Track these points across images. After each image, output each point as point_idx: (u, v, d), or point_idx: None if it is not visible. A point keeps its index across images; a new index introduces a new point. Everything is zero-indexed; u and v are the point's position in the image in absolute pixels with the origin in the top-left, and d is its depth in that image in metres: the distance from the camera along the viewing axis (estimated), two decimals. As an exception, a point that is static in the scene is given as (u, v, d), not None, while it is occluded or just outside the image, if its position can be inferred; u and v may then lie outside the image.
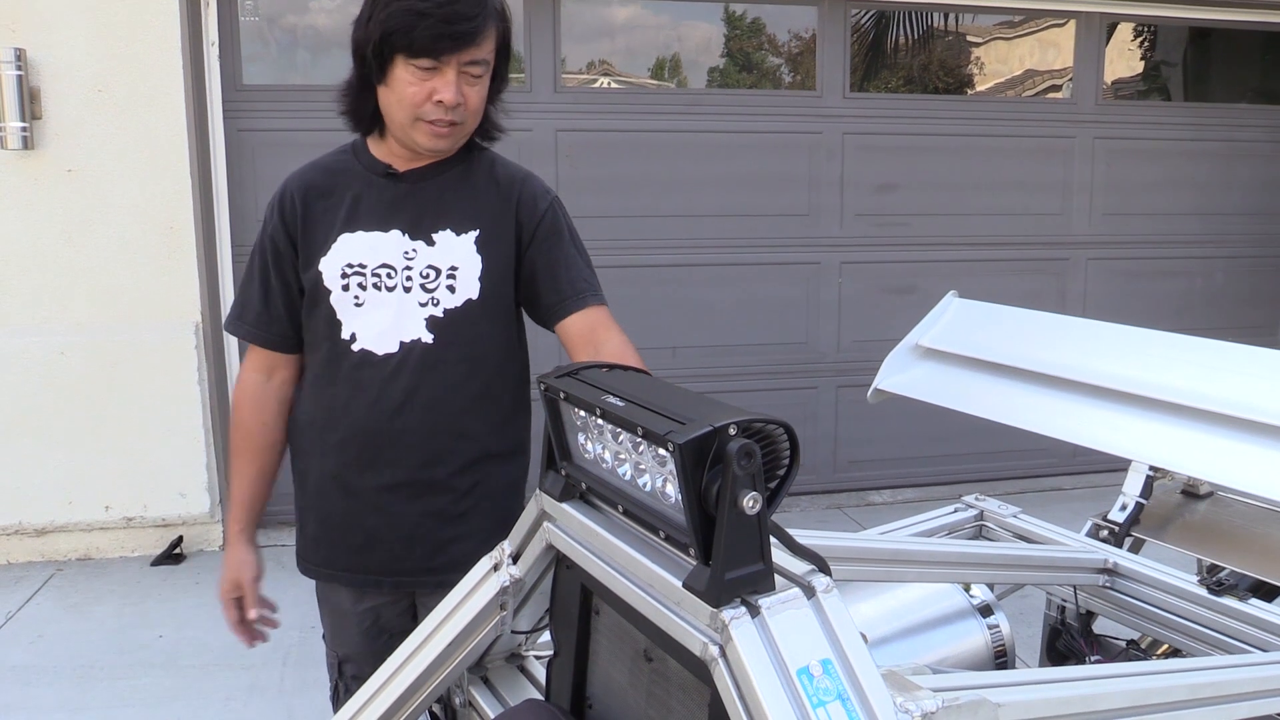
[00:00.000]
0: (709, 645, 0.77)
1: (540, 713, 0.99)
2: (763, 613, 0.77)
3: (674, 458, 0.76)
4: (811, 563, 0.82)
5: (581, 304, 1.70)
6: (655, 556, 0.85)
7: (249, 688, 3.20)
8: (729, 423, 0.77)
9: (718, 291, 4.72)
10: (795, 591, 0.79)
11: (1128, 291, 5.18)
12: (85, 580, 4.02)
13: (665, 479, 0.84)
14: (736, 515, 0.75)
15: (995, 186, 4.95)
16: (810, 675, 0.75)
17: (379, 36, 1.56)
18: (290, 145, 4.07)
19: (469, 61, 1.58)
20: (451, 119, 1.60)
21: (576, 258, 1.73)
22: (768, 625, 0.76)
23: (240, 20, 4.21)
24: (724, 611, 0.76)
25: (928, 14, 5.03)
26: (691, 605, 0.79)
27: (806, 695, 0.74)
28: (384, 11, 1.55)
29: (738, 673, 0.75)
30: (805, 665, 0.75)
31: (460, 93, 1.59)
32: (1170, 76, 5.51)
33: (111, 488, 4.15)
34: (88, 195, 3.99)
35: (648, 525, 0.85)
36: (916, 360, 2.27)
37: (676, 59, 4.82)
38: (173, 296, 4.09)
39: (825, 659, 0.76)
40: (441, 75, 1.57)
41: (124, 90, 3.94)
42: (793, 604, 0.78)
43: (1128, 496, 1.91)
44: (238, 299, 1.79)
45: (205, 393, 4.17)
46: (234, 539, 1.79)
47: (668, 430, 0.77)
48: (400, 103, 1.60)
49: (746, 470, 0.75)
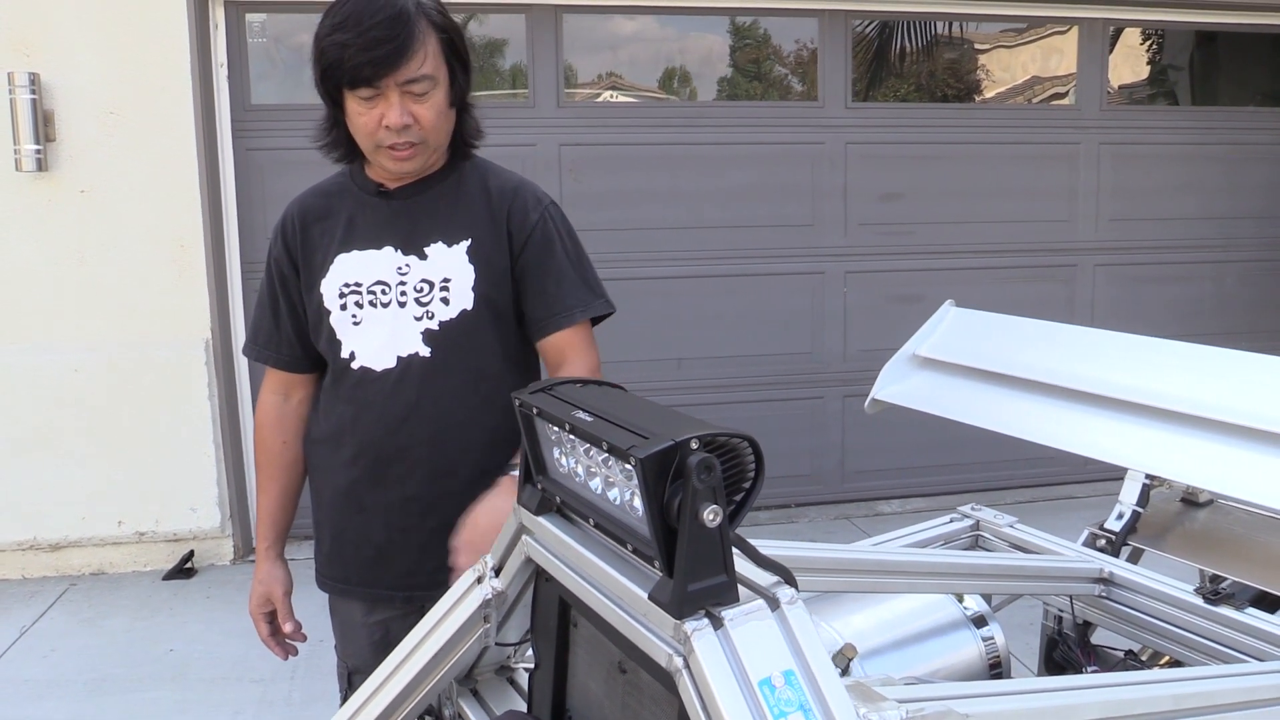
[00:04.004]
0: (673, 656, 0.78)
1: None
2: (725, 624, 0.78)
3: (636, 471, 0.77)
4: (777, 575, 0.83)
5: (560, 324, 1.68)
6: (625, 569, 0.87)
7: (258, 701, 3.22)
8: (690, 437, 0.78)
9: (722, 302, 4.73)
10: (759, 603, 0.80)
11: (1136, 297, 5.16)
12: (99, 595, 4.06)
13: (633, 492, 0.85)
14: (697, 528, 0.76)
15: (1000, 194, 4.95)
16: (772, 686, 0.76)
17: (319, 75, 1.59)
18: (298, 164, 4.10)
19: (407, 81, 1.55)
20: (408, 140, 1.59)
21: (568, 271, 1.71)
22: (730, 637, 0.77)
23: (249, 41, 4.27)
24: (687, 623, 0.77)
25: (930, 23, 5.04)
26: (657, 617, 0.80)
27: (768, 706, 0.75)
28: (318, 49, 1.58)
29: (700, 684, 0.76)
30: (767, 676, 0.76)
31: (406, 113, 1.57)
32: (1177, 81, 5.50)
33: (124, 503, 4.21)
34: (100, 215, 4.05)
35: (617, 538, 0.86)
36: (914, 370, 2.27)
37: (678, 72, 4.85)
38: (183, 314, 4.15)
39: (788, 670, 0.77)
40: (385, 99, 1.56)
41: (135, 112, 4.01)
42: (756, 615, 0.79)
43: (1124, 505, 1.90)
44: (252, 323, 1.84)
45: (216, 409, 4.22)
46: (263, 555, 1.84)
47: (630, 445, 0.79)
48: (357, 133, 1.61)
49: (706, 484, 0.76)
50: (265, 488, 1.84)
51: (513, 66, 4.57)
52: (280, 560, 1.84)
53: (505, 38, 4.57)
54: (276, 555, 1.84)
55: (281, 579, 1.83)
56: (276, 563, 1.83)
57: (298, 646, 1.88)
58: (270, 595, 1.82)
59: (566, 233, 1.73)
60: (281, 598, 1.82)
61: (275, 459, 1.82)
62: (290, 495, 1.85)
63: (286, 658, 1.87)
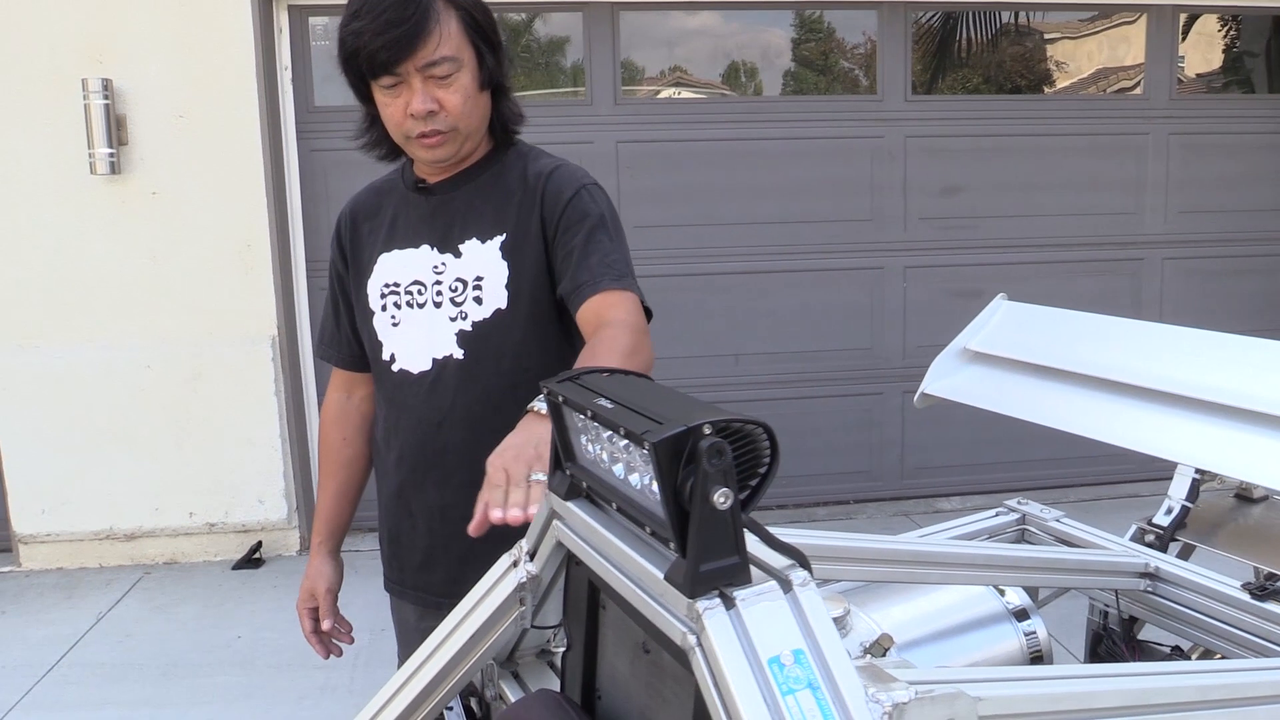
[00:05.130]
0: (687, 635, 0.80)
1: (547, 701, 1.03)
2: (737, 604, 0.79)
3: (650, 455, 0.80)
4: (791, 558, 0.85)
5: (594, 289, 1.51)
6: (645, 551, 0.89)
7: (320, 688, 3.31)
8: (703, 422, 0.79)
9: (780, 298, 4.72)
10: (771, 584, 0.81)
11: (1205, 291, 5.01)
12: (171, 583, 4.21)
13: (650, 477, 0.87)
14: (709, 510, 0.78)
15: (1065, 186, 4.85)
16: (781, 664, 0.77)
17: (343, 68, 1.54)
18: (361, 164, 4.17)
19: (427, 64, 1.48)
20: (435, 127, 1.52)
21: (604, 242, 1.56)
22: (741, 616, 0.79)
23: (312, 44, 4.38)
24: (699, 602, 0.79)
25: (995, 14, 4.96)
26: (672, 597, 0.82)
27: (776, 683, 0.76)
28: (339, 43, 1.52)
29: (711, 661, 0.77)
30: (776, 655, 0.77)
31: (430, 99, 1.50)
32: (1253, 68, 5.32)
33: (195, 495, 4.36)
34: (170, 216, 4.20)
35: (637, 521, 0.89)
36: (964, 364, 2.25)
37: (736, 67, 4.84)
38: (250, 312, 4.27)
39: (797, 649, 0.78)
40: (408, 86, 1.50)
41: (203, 115, 4.14)
42: (768, 596, 0.80)
43: (1173, 500, 1.87)
44: (321, 323, 1.86)
45: (282, 404, 4.34)
46: (314, 551, 1.84)
47: (645, 430, 0.81)
48: (388, 124, 1.57)
49: (717, 467, 0.78)
50: (324, 483, 1.85)
51: (572, 65, 4.62)
52: (331, 557, 1.84)
53: (565, 35, 4.62)
54: (329, 551, 1.83)
55: (328, 576, 1.82)
56: (327, 559, 1.83)
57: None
58: (315, 591, 1.81)
59: (602, 212, 1.59)
60: (324, 594, 1.80)
61: (334, 455, 1.83)
62: (347, 492, 1.84)
63: (327, 656, 1.83)
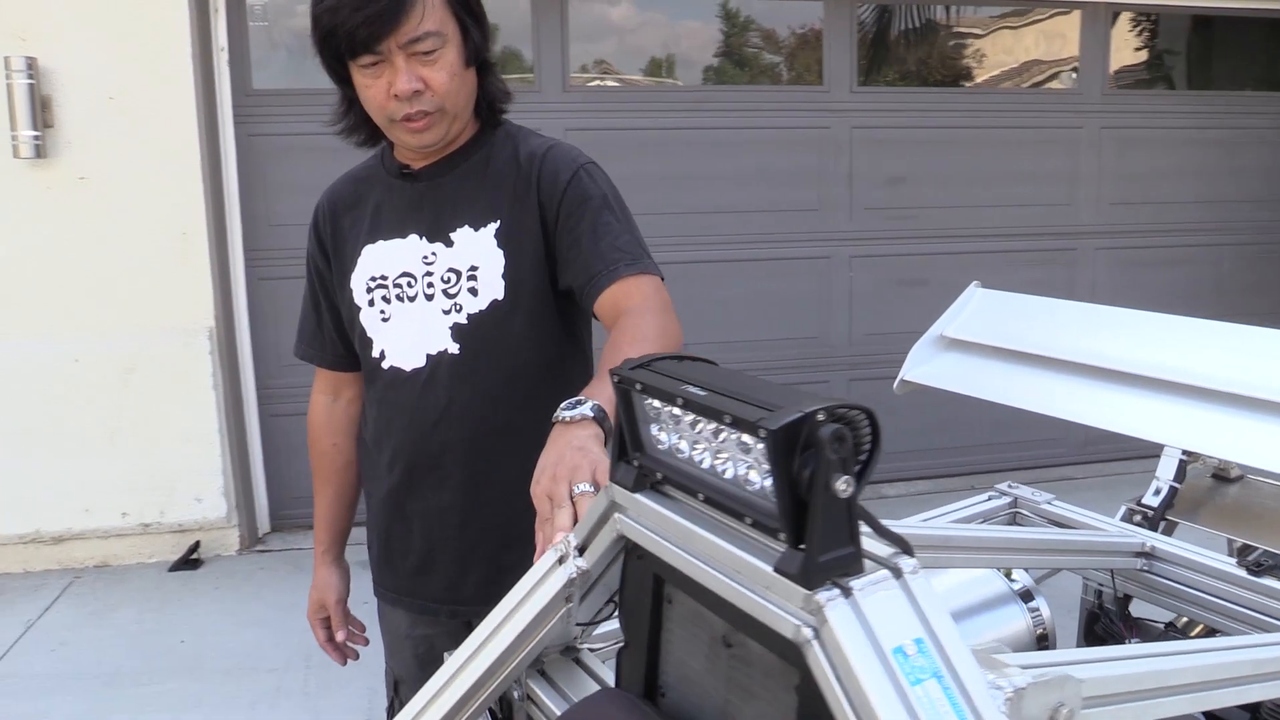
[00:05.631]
0: (802, 628, 0.78)
1: (619, 700, 1.00)
2: (855, 594, 0.77)
3: (766, 444, 0.77)
4: (895, 545, 0.83)
5: (610, 278, 1.44)
6: (739, 542, 0.86)
7: (274, 691, 3.21)
8: (818, 409, 0.77)
9: (728, 288, 4.74)
10: (884, 573, 0.79)
11: (1135, 281, 5.20)
12: (104, 587, 4.03)
13: (750, 466, 0.84)
14: (830, 499, 0.76)
15: (1004, 177, 4.97)
16: (905, 654, 0.76)
17: (318, 48, 1.45)
18: (301, 149, 4.09)
19: (409, 41, 1.39)
20: (421, 108, 1.43)
21: (612, 224, 1.49)
22: (860, 606, 0.77)
23: (250, 25, 4.22)
24: (819, 594, 0.76)
25: (930, 7, 5.04)
26: (783, 589, 0.79)
27: (903, 673, 0.75)
28: (313, 22, 1.43)
29: (834, 654, 0.75)
30: (899, 644, 0.76)
31: (415, 78, 1.41)
32: (1174, 65, 5.53)
33: (128, 494, 4.17)
34: (100, 203, 4.00)
35: (732, 512, 0.86)
36: (941, 351, 2.28)
37: (682, 56, 4.83)
38: (186, 302, 4.11)
39: (918, 638, 0.77)
40: (390, 65, 1.41)
41: (135, 97, 3.95)
42: (883, 585, 0.78)
43: (1161, 481, 1.92)
44: (300, 322, 1.76)
45: (220, 398, 4.18)
46: (319, 560, 1.80)
47: (759, 418, 0.78)
48: (369, 107, 1.48)
49: (839, 454, 0.76)
50: (320, 490, 1.79)
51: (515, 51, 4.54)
52: (336, 565, 1.80)
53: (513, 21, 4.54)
54: (333, 560, 1.79)
55: (335, 585, 1.78)
56: (332, 568, 1.79)
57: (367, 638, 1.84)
58: (324, 602, 1.78)
59: (604, 192, 1.52)
60: (335, 604, 1.77)
61: (328, 461, 1.77)
62: (346, 498, 1.79)
63: (345, 663, 1.82)
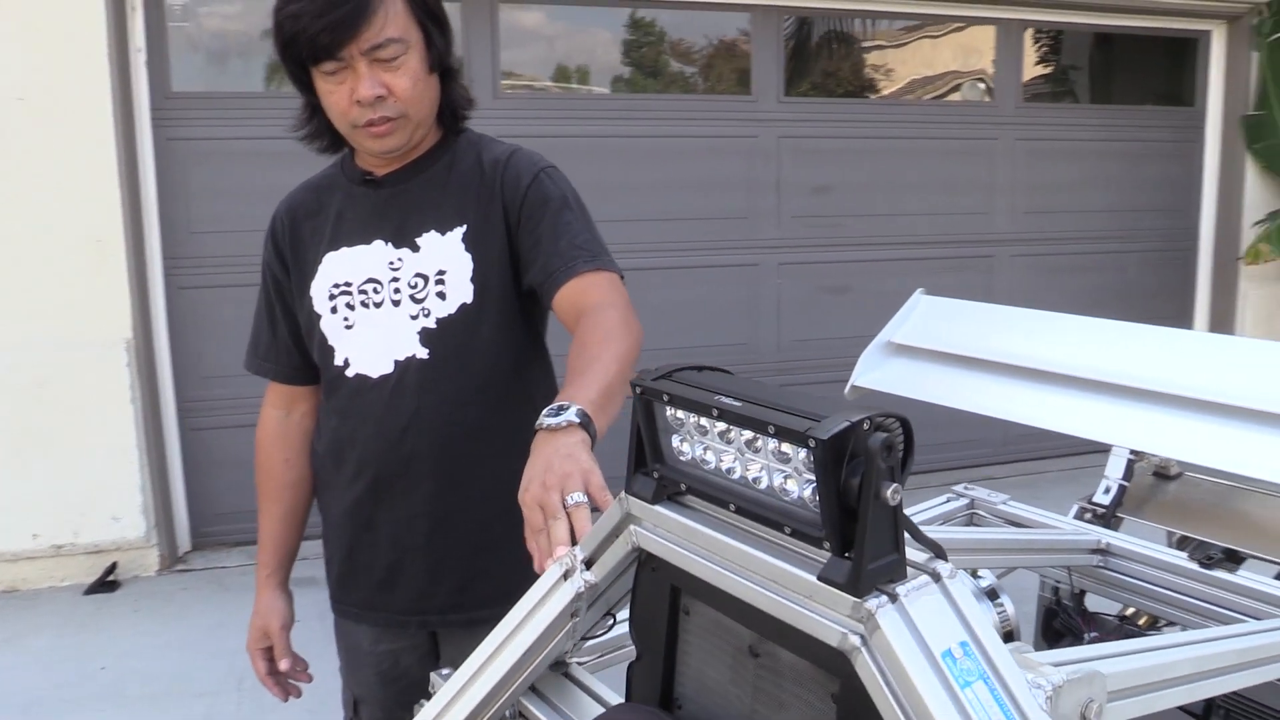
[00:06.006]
0: (849, 635, 0.79)
1: (642, 714, 0.99)
2: (901, 600, 0.79)
3: (814, 453, 0.78)
4: (930, 550, 0.85)
5: (567, 274, 1.44)
6: (776, 551, 0.87)
7: (205, 717, 3.10)
8: (864, 418, 0.79)
9: (658, 294, 4.75)
10: (925, 578, 0.81)
11: (1048, 286, 5.40)
12: (13, 613, 3.83)
13: (788, 475, 0.85)
14: (880, 507, 0.77)
15: (924, 187, 5.11)
16: (953, 658, 0.77)
17: (280, 54, 1.45)
18: (223, 154, 3.96)
19: (372, 47, 1.40)
20: (384, 114, 1.44)
21: (572, 223, 1.50)
22: (908, 612, 0.78)
23: (169, 25, 4.08)
24: (868, 601, 0.77)
25: (849, 20, 5.16)
26: (827, 597, 0.80)
27: (953, 677, 0.76)
28: (275, 27, 1.43)
29: (886, 660, 0.77)
30: (947, 648, 0.77)
31: (378, 84, 1.41)
32: (1078, 80, 5.77)
33: (39, 515, 3.98)
34: (9, 208, 3.81)
35: (769, 522, 0.86)
36: (889, 356, 2.33)
37: (611, 66, 4.84)
38: (102, 312, 3.94)
39: (963, 641, 0.79)
40: (353, 72, 1.41)
41: (47, 98, 3.78)
42: (925, 590, 0.80)
43: (1110, 480, 2.00)
44: (251, 334, 1.70)
45: (138, 412, 4.02)
46: (262, 584, 1.71)
47: (806, 428, 0.79)
48: (331, 114, 1.48)
49: (889, 463, 0.77)
50: (267, 510, 1.71)
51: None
52: (281, 590, 1.72)
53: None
54: (277, 584, 1.71)
55: (280, 611, 1.70)
56: (276, 593, 1.71)
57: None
58: (268, 629, 1.69)
59: (564, 194, 1.54)
60: (279, 632, 1.69)
61: (277, 479, 1.70)
62: (294, 518, 1.72)
63: (286, 698, 1.73)
